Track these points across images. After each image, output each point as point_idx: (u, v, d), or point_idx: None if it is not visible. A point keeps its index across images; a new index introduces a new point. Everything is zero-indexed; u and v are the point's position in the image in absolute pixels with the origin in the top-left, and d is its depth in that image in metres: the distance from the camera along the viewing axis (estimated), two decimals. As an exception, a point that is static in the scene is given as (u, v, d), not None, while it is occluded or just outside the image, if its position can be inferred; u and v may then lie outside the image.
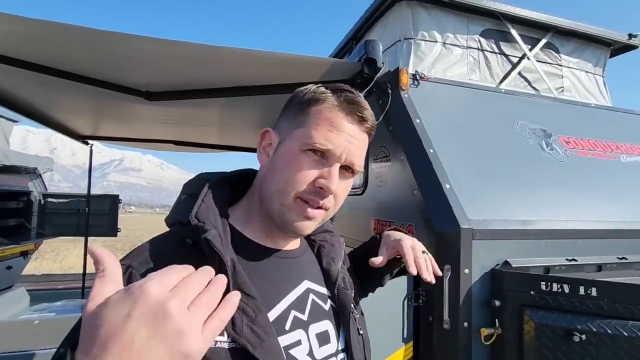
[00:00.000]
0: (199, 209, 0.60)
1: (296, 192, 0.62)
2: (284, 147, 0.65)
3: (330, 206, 0.65)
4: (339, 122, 0.63)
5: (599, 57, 2.76)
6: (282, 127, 0.68)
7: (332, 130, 0.62)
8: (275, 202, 0.63)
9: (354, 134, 0.64)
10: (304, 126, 0.64)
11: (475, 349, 1.37)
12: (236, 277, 0.55)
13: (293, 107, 0.68)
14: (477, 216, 1.46)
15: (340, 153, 0.62)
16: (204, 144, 4.12)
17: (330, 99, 0.64)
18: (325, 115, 0.63)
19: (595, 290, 1.22)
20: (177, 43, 1.57)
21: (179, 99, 2.23)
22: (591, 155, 2.07)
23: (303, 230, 0.65)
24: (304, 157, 0.62)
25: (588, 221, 1.65)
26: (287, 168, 0.63)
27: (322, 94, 0.65)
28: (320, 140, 0.61)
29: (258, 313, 0.55)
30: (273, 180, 0.64)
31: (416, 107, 1.83)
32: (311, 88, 0.67)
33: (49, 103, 2.59)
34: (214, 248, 0.55)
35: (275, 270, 0.65)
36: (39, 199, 5.11)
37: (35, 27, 1.45)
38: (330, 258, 0.75)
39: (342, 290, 0.73)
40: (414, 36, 2.29)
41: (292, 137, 0.64)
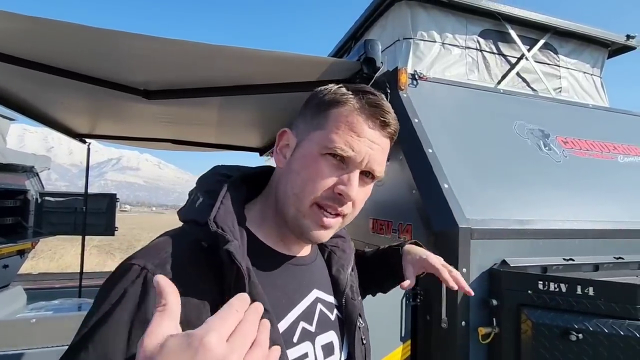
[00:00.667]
0: (218, 212, 0.57)
1: (314, 197, 0.59)
2: (302, 149, 0.62)
3: (348, 213, 0.62)
4: (360, 127, 0.60)
5: (597, 58, 2.77)
6: (299, 127, 0.65)
7: (353, 136, 0.59)
8: (291, 207, 0.61)
9: (375, 139, 0.61)
10: (323, 129, 0.60)
11: (473, 348, 1.38)
12: (251, 288, 0.53)
13: (312, 107, 0.64)
14: (475, 216, 1.46)
15: (361, 159, 0.59)
16: (202, 143, 4.11)
17: (352, 102, 0.61)
18: (346, 119, 0.60)
19: (592, 290, 1.23)
20: (176, 41, 1.56)
21: (177, 98, 2.23)
22: (589, 156, 2.08)
23: (318, 239, 0.62)
24: (322, 161, 0.59)
25: (585, 221, 1.66)
26: (305, 171, 0.60)
27: (343, 95, 0.61)
28: (341, 146, 0.58)
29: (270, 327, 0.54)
30: (289, 183, 0.61)
31: (415, 107, 1.83)
32: (332, 89, 0.64)
33: (47, 101, 2.58)
34: (234, 259, 0.52)
35: (288, 278, 0.64)
36: (36, 197, 5.09)
37: (32, 24, 1.44)
38: (340, 265, 0.74)
39: (350, 300, 0.71)
40: (413, 36, 2.30)
41: (311, 139, 0.61)
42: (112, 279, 0.51)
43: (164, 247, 0.55)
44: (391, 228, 1.78)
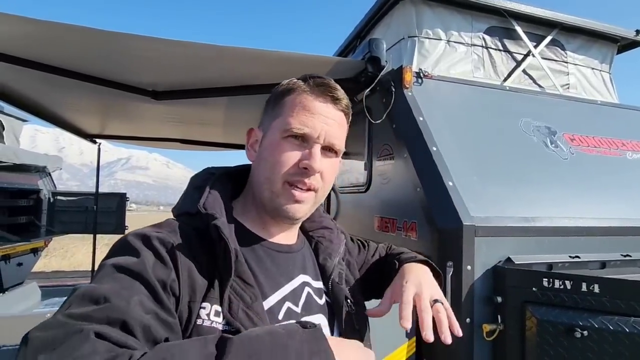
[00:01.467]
0: (206, 199, 0.64)
1: (282, 176, 0.65)
2: (267, 139, 0.69)
3: (318, 187, 0.67)
4: (312, 105, 0.66)
5: (605, 54, 2.74)
6: (264, 123, 0.72)
7: (307, 114, 0.65)
8: (265, 191, 0.66)
9: (328, 115, 0.67)
10: (280, 116, 0.67)
11: (477, 344, 1.38)
12: (237, 265, 0.58)
13: (270, 102, 0.72)
14: (479, 213, 1.47)
15: (317, 134, 0.65)
16: (209, 143, 4.15)
17: (301, 86, 0.68)
18: (297, 102, 0.67)
19: (598, 287, 1.23)
20: (183, 43, 1.59)
21: (185, 98, 2.26)
22: (596, 153, 2.06)
23: (294, 214, 0.67)
24: (285, 144, 0.65)
25: (592, 218, 1.65)
26: (272, 156, 0.66)
27: (293, 83, 0.69)
28: (296, 125, 0.64)
29: (254, 300, 0.58)
30: (260, 170, 0.68)
31: (420, 105, 1.84)
32: (284, 82, 0.71)
33: (58, 102, 2.64)
34: (221, 234, 0.57)
35: (273, 263, 0.68)
36: (48, 197, 5.19)
37: (45, 28, 1.48)
38: (327, 254, 0.77)
39: (336, 285, 0.74)
40: (417, 34, 2.30)
41: (272, 128, 0.68)
42: (130, 237, 0.55)
43: (170, 224, 0.61)
44: (396, 226, 1.79)
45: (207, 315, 0.54)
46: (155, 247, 0.54)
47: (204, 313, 0.54)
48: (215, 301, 0.56)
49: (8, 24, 1.46)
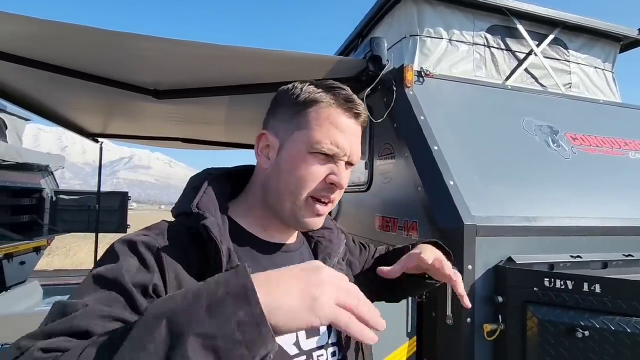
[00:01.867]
0: (201, 199, 0.64)
1: (309, 192, 0.65)
2: (288, 150, 0.66)
3: (337, 199, 0.69)
4: (340, 122, 0.65)
5: (608, 53, 2.73)
6: (279, 129, 0.68)
7: (336, 132, 0.65)
8: (287, 203, 0.66)
9: (354, 132, 0.67)
10: (306, 128, 0.65)
11: (479, 344, 1.38)
12: (230, 266, 0.58)
13: (288, 108, 0.68)
14: (481, 213, 1.47)
15: (345, 153, 0.66)
16: (211, 142, 4.16)
17: (327, 99, 0.66)
18: (325, 116, 0.65)
19: (599, 287, 1.22)
20: (185, 43, 1.60)
21: (187, 97, 2.27)
22: (599, 152, 2.06)
23: (315, 226, 0.69)
24: (312, 159, 0.64)
25: (594, 218, 1.65)
26: (297, 171, 0.64)
27: (318, 93, 0.66)
28: (327, 144, 0.64)
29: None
30: (281, 182, 0.66)
31: (421, 105, 1.83)
32: (303, 88, 0.68)
33: (61, 102, 2.65)
34: (211, 234, 0.58)
35: (270, 262, 0.68)
36: (51, 196, 5.21)
37: (48, 28, 1.48)
38: (326, 254, 0.77)
39: None
40: (419, 33, 2.29)
41: (295, 140, 0.66)
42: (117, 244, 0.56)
43: (162, 226, 0.62)
44: (397, 225, 1.79)
45: None
46: (139, 252, 0.54)
47: None
48: None
49: (11, 24, 1.46)
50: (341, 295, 0.44)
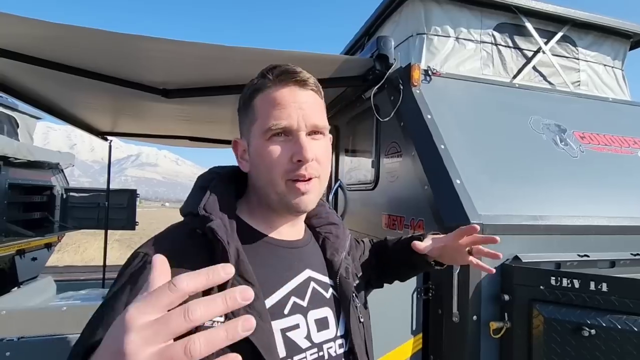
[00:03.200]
0: (207, 200, 0.65)
1: (282, 176, 0.65)
2: (252, 146, 0.68)
3: (319, 173, 0.67)
4: (279, 97, 0.65)
5: (617, 50, 2.70)
6: (243, 132, 0.72)
7: (278, 108, 0.64)
8: (272, 194, 0.67)
9: (300, 99, 0.66)
10: (256, 120, 0.67)
11: (484, 342, 1.39)
12: (239, 265, 0.59)
13: (242, 110, 0.72)
14: (487, 211, 1.47)
15: (296, 124, 0.64)
16: (218, 140, 4.19)
17: (263, 83, 0.67)
18: (265, 100, 0.66)
19: (606, 286, 1.23)
20: (193, 44, 1.62)
21: (194, 97, 2.29)
22: (607, 151, 2.04)
23: (306, 206, 0.67)
24: (271, 145, 0.65)
25: (602, 217, 1.64)
26: (263, 160, 0.65)
27: (255, 83, 0.68)
28: (272, 122, 0.64)
29: (256, 299, 0.58)
30: (259, 177, 0.67)
31: (428, 103, 1.84)
32: (248, 84, 0.71)
33: (72, 100, 2.70)
34: (217, 237, 0.59)
35: (278, 259, 0.69)
36: (61, 193, 5.29)
37: (59, 30, 1.52)
38: (334, 249, 0.78)
39: (344, 279, 0.75)
40: (426, 31, 2.29)
41: (253, 135, 0.68)
42: (124, 265, 0.61)
43: (165, 237, 0.63)
44: (403, 223, 1.80)
45: None
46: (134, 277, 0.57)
47: None
48: None
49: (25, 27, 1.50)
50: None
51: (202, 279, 0.34)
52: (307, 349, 0.65)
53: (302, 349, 0.64)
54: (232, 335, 0.32)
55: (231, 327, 0.32)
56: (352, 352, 0.71)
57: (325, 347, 0.68)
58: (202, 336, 0.31)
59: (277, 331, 0.62)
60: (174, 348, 0.31)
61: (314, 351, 0.66)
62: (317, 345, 0.67)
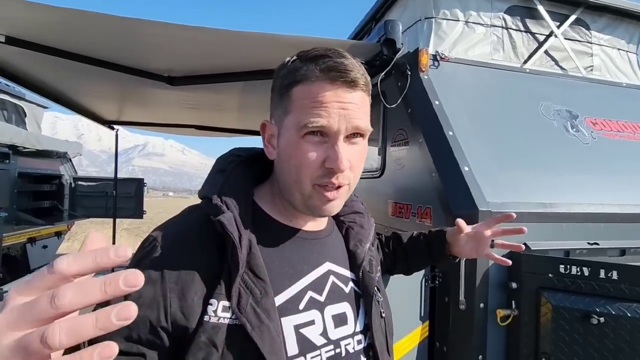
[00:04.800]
0: (222, 187, 0.62)
1: (310, 180, 0.60)
2: (283, 138, 0.63)
3: (349, 181, 0.63)
4: (323, 95, 0.58)
5: (632, 34, 2.61)
6: (275, 114, 0.65)
7: (320, 106, 0.57)
8: (296, 193, 0.62)
9: (345, 100, 0.59)
10: (292, 112, 0.60)
11: (491, 329, 1.39)
12: (250, 258, 0.57)
13: (276, 92, 0.65)
14: (495, 199, 1.45)
15: (336, 126, 0.58)
16: (224, 129, 4.19)
17: (305, 74, 0.59)
18: (306, 94, 0.59)
19: (616, 274, 1.21)
20: (199, 29, 1.59)
21: (200, 84, 2.28)
22: (620, 137, 2.00)
23: (331, 211, 0.63)
24: (304, 143, 0.59)
25: (612, 205, 1.61)
26: (293, 159, 0.60)
27: (298, 71, 0.60)
28: (310, 120, 0.57)
29: (264, 295, 0.57)
30: (284, 173, 0.63)
31: (436, 89, 1.80)
32: (287, 66, 0.63)
33: (77, 89, 2.70)
34: (226, 230, 0.56)
35: (296, 251, 0.66)
36: (69, 182, 5.36)
37: (64, 15, 1.50)
38: (357, 240, 0.74)
39: (367, 273, 0.72)
40: (434, 15, 2.23)
41: (286, 126, 0.62)
42: (137, 250, 0.60)
43: (180, 221, 0.62)
44: (410, 211, 1.79)
45: (214, 311, 0.54)
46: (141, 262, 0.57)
47: (210, 310, 0.54)
48: (222, 297, 0.55)
49: (28, 11, 1.48)
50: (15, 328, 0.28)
51: (87, 261, 0.29)
52: (323, 346, 0.62)
53: (316, 346, 0.62)
54: (103, 324, 0.26)
55: (102, 315, 0.26)
56: (372, 347, 0.69)
57: (343, 343, 0.65)
58: (64, 323, 0.26)
59: (290, 328, 0.60)
60: (30, 335, 0.26)
61: (329, 348, 0.63)
62: (334, 342, 0.64)
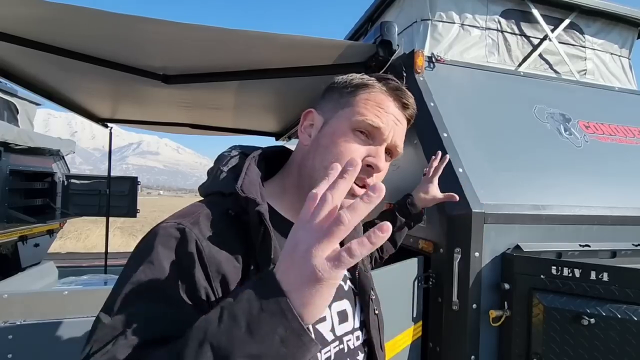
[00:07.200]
0: (243, 182, 0.61)
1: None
2: (330, 126, 0.66)
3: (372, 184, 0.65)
4: (387, 104, 0.66)
5: (625, 38, 2.65)
6: (325, 107, 0.69)
7: (381, 110, 0.65)
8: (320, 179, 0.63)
9: (399, 118, 0.67)
10: (351, 106, 0.65)
11: (484, 330, 1.40)
12: (276, 253, 0.57)
13: (339, 89, 0.69)
14: (489, 200, 1.46)
15: (388, 133, 0.64)
16: (219, 128, 4.16)
17: (378, 85, 0.67)
18: (372, 98, 0.66)
19: (607, 275, 1.22)
20: (193, 26, 1.59)
21: (195, 82, 2.26)
22: (612, 141, 2.02)
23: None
24: (352, 136, 0.64)
25: (604, 207, 1.63)
26: (335, 146, 0.63)
27: (369, 79, 0.68)
28: (371, 118, 0.63)
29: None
30: (317, 158, 0.64)
31: (431, 91, 1.81)
32: (358, 75, 0.70)
33: (71, 86, 2.67)
34: (264, 221, 0.56)
35: None
36: (62, 180, 5.30)
37: (56, 10, 1.48)
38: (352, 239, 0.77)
39: (363, 273, 0.75)
40: (431, 17, 2.24)
41: (339, 116, 0.66)
42: (151, 238, 0.54)
43: (196, 211, 0.59)
44: (404, 212, 1.79)
45: None
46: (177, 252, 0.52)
47: None
48: None
49: (20, 6, 1.47)
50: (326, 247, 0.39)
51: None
52: (332, 341, 0.64)
53: (327, 342, 0.63)
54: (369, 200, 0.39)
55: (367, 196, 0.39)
56: (368, 343, 0.72)
57: (345, 339, 0.67)
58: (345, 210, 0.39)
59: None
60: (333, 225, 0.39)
61: (336, 344, 0.65)
62: (339, 338, 0.66)
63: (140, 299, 0.48)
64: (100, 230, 10.26)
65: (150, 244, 0.53)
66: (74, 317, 1.28)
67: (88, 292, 1.59)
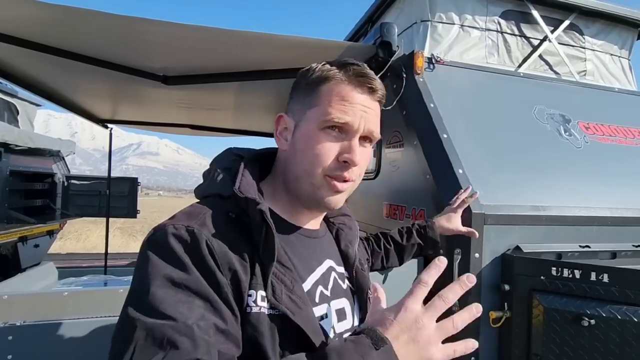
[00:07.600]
0: (241, 183, 0.62)
1: (322, 170, 0.63)
2: (301, 129, 0.65)
3: (355, 178, 0.66)
4: (351, 95, 0.64)
5: (625, 39, 2.65)
6: (294, 110, 0.68)
7: (346, 104, 0.63)
8: (304, 183, 0.64)
9: (366, 104, 0.65)
10: (317, 106, 0.64)
11: (484, 331, 1.40)
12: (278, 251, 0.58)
13: (302, 88, 0.68)
14: (489, 201, 1.46)
15: (357, 124, 0.63)
16: (219, 128, 4.17)
17: (338, 75, 0.64)
18: (336, 91, 0.64)
19: (607, 276, 1.22)
20: (193, 27, 1.59)
21: (195, 83, 2.27)
22: (611, 142, 2.02)
23: (336, 204, 0.66)
24: (323, 136, 0.63)
25: (604, 208, 1.63)
26: (309, 149, 0.63)
27: (329, 71, 0.65)
28: (337, 115, 0.62)
29: (295, 284, 0.59)
30: (297, 162, 0.65)
31: (431, 92, 1.81)
32: (317, 67, 0.67)
33: (71, 87, 2.67)
34: (266, 219, 0.57)
35: (304, 247, 0.68)
36: (62, 180, 5.30)
37: (56, 11, 1.49)
38: (348, 241, 0.78)
39: (360, 272, 0.76)
40: (430, 18, 2.24)
41: (308, 118, 0.65)
42: (157, 241, 0.54)
43: (201, 212, 0.59)
44: (405, 213, 1.79)
45: (254, 302, 0.55)
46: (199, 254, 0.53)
47: (251, 300, 0.55)
48: (259, 287, 0.56)
49: (21, 7, 1.47)
50: (442, 334, 0.50)
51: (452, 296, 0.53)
52: (333, 339, 0.65)
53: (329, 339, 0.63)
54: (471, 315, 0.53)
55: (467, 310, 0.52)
56: None
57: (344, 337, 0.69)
58: (455, 316, 0.51)
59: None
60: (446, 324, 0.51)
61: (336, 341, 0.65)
62: (339, 335, 0.67)
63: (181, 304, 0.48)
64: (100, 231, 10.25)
65: (166, 246, 0.52)
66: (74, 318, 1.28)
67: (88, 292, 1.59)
